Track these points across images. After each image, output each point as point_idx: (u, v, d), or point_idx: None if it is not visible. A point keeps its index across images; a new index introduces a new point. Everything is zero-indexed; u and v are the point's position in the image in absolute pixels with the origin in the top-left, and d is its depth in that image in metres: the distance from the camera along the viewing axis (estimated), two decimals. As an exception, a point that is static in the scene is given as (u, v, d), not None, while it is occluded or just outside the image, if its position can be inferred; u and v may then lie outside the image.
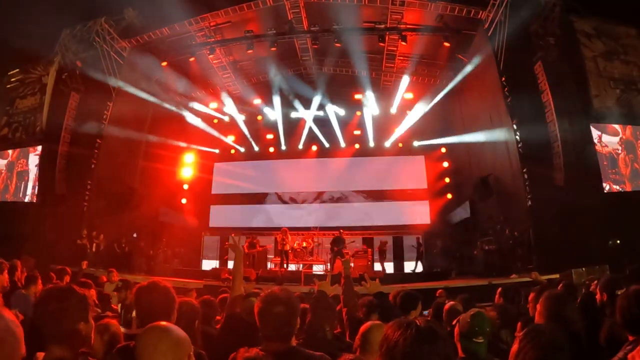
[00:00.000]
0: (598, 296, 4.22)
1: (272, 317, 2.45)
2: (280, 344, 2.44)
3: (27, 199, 18.48)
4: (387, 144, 21.24)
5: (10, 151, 19.83)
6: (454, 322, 3.22)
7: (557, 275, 10.48)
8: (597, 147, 14.41)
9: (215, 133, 22.18)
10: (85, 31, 17.63)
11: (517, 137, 14.63)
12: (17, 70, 20.62)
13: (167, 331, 1.91)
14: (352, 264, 16.91)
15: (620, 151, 14.69)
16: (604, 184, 14.18)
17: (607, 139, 14.71)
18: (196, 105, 21.14)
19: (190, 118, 21.24)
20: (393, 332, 1.76)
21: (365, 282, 4.79)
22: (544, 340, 2.17)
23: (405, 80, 19.30)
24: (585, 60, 14.91)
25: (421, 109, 20.11)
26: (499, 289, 6.09)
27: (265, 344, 2.47)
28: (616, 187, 14.36)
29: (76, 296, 2.18)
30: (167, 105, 19.66)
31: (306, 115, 21.40)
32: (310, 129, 21.65)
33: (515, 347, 2.22)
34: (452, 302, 4.73)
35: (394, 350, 1.71)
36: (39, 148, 18.67)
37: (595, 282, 6.08)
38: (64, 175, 17.57)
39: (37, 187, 18.26)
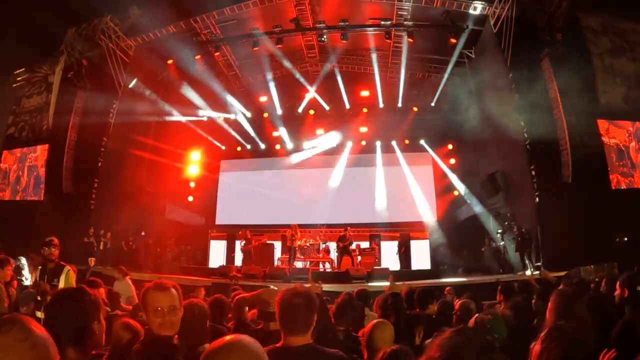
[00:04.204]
0: (618, 292, 4.18)
1: (291, 309, 2.52)
2: (298, 339, 2.51)
3: (35, 197, 18.57)
4: (394, 142, 21.19)
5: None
6: (470, 324, 3.19)
7: (566, 272, 10.44)
8: (604, 139, 14.31)
9: (222, 128, 22.18)
10: (91, 30, 17.67)
11: (525, 133, 14.56)
12: (23, 69, 20.68)
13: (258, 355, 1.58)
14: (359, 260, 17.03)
15: (628, 143, 14.58)
16: (612, 177, 14.08)
17: (615, 131, 14.60)
18: (202, 103, 21.13)
19: (196, 115, 21.26)
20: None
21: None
22: (566, 339, 2.16)
23: (411, 75, 19.26)
24: (592, 57, 14.79)
25: (428, 105, 20.09)
26: (499, 287, 6.04)
27: (285, 339, 2.53)
28: (624, 180, 14.26)
29: (88, 296, 2.19)
30: (172, 103, 19.70)
31: (312, 111, 21.37)
32: (317, 125, 21.60)
33: (537, 347, 2.21)
34: (463, 300, 4.70)
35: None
36: (46, 147, 18.75)
37: (604, 279, 6.06)
38: (71, 174, 17.65)
39: (44, 186, 18.34)
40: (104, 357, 2.26)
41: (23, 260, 8.76)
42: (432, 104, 20.13)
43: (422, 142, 21.00)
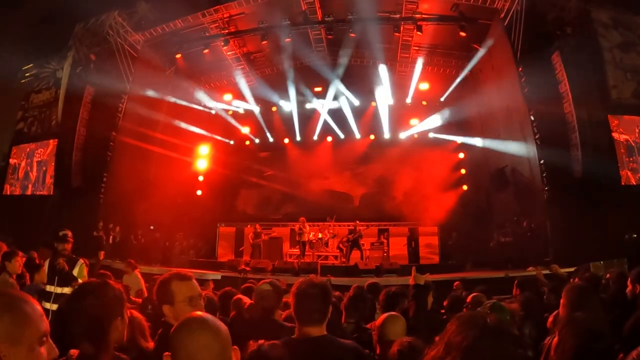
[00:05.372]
0: (630, 288, 4.16)
1: (308, 299, 2.52)
2: (314, 330, 2.51)
3: (44, 191, 18.68)
4: (403, 135, 21.10)
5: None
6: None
7: (575, 268, 10.37)
8: (614, 135, 14.20)
9: (231, 122, 22.21)
10: (99, 25, 17.70)
11: (534, 127, 14.46)
12: (32, 64, 20.77)
13: (218, 329, 1.64)
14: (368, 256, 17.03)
15: (638, 139, 14.45)
16: (622, 173, 13.97)
17: (625, 127, 14.48)
18: (210, 97, 21.16)
19: (205, 110, 21.30)
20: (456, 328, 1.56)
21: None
22: (582, 329, 2.16)
23: (420, 70, 19.15)
24: (603, 51, 14.66)
25: (437, 99, 20.00)
26: (516, 281, 6.03)
27: (300, 330, 2.54)
28: (634, 176, 14.16)
29: (112, 291, 2.13)
30: (181, 98, 19.74)
31: (321, 106, 21.32)
32: (325, 119, 21.55)
33: (556, 337, 2.22)
34: (475, 293, 4.68)
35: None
36: (55, 142, 18.84)
37: (614, 275, 6.03)
38: (80, 168, 17.74)
39: (53, 180, 18.44)
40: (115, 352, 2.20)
41: None
42: (442, 99, 20.02)
43: (430, 135, 20.90)
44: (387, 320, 3.14)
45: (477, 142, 19.00)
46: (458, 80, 18.82)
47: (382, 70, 19.27)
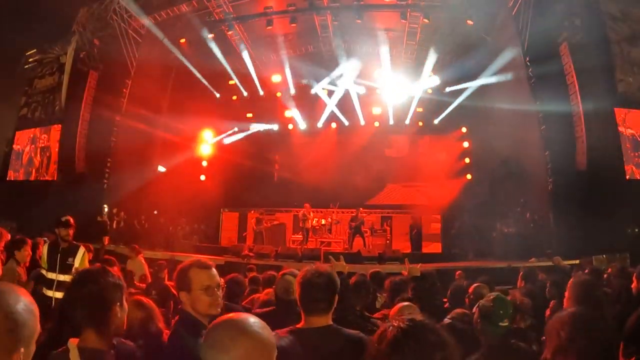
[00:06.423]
0: (634, 284, 4.15)
1: (314, 288, 2.51)
2: (319, 319, 2.51)
3: (48, 177, 18.73)
4: (407, 121, 20.98)
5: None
6: (474, 310, 3.16)
7: (578, 261, 10.38)
8: (620, 129, 14.11)
9: (235, 108, 22.16)
10: (102, 10, 17.62)
11: (540, 119, 14.39)
12: (35, 50, 20.74)
13: (260, 337, 1.41)
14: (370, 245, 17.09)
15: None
16: (627, 167, 13.91)
17: (631, 121, 14.40)
18: (215, 83, 21.07)
19: (209, 95, 21.23)
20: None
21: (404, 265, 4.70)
22: (592, 328, 2.14)
23: (428, 58, 19.03)
24: (611, 44, 14.52)
25: (443, 87, 19.89)
26: (521, 273, 6.02)
27: (306, 319, 2.54)
28: (639, 171, 14.10)
29: (112, 278, 2.13)
30: (185, 81, 19.70)
31: (326, 92, 21.21)
32: (330, 106, 21.46)
33: (563, 334, 2.18)
34: (477, 284, 4.67)
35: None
36: (59, 127, 18.84)
37: (616, 270, 6.03)
38: (84, 154, 17.76)
39: (57, 165, 18.47)
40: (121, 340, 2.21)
41: None
42: (447, 90, 19.90)
43: (435, 124, 20.80)
44: (402, 311, 3.13)
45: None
46: (467, 84, 18.70)
47: (388, 57, 19.11)
